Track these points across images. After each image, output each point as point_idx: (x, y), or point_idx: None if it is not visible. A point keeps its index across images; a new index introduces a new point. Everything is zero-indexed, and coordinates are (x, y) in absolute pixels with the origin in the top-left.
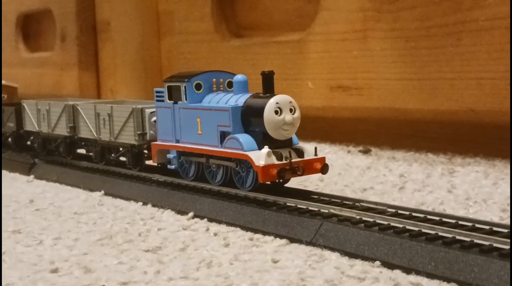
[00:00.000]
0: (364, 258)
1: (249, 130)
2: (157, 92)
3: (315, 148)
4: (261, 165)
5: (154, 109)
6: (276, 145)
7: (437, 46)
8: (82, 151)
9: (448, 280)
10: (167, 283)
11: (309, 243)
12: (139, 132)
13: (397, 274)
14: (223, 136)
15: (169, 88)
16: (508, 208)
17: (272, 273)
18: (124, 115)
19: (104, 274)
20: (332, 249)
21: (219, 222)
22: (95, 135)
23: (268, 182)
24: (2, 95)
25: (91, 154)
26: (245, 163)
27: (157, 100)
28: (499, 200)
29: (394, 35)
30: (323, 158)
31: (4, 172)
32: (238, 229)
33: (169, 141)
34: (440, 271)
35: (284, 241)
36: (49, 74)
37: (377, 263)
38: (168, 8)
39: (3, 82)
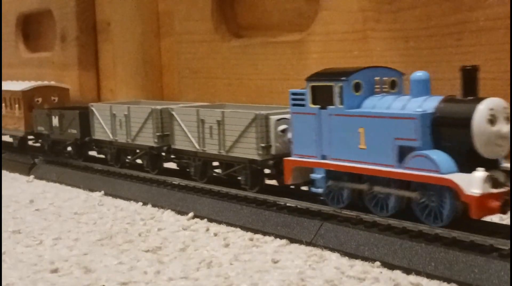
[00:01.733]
0: (364, 258)
1: (441, 145)
2: (294, 94)
3: None
4: (476, 195)
5: (281, 116)
6: (484, 166)
7: (437, 46)
8: (169, 164)
9: (448, 281)
10: (167, 283)
11: (309, 244)
12: (262, 145)
13: (397, 274)
14: (402, 152)
15: (314, 89)
16: None
17: (272, 273)
18: (241, 123)
19: (104, 274)
20: (332, 250)
21: (219, 222)
22: (197, 147)
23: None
24: (53, 98)
25: (188, 170)
26: (439, 191)
27: (293, 105)
28: None
29: (394, 35)
30: None
31: (4, 172)
32: (238, 229)
33: (312, 157)
34: (440, 272)
35: (284, 241)
36: (49, 74)
37: (377, 263)
38: (168, 8)
39: (52, 83)
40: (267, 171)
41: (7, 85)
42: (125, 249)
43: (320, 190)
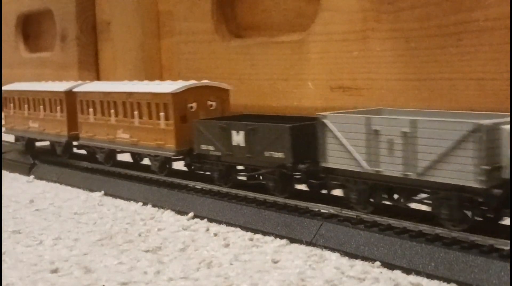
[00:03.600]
0: (364, 258)
1: None
2: None
3: None
4: None
5: None
6: None
7: (437, 46)
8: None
9: (448, 281)
10: (167, 283)
11: (309, 244)
12: None
13: (397, 274)
14: None
15: None
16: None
17: (272, 273)
18: None
19: (104, 274)
20: (332, 250)
21: (219, 222)
22: None
23: None
24: (210, 103)
25: None
26: None
27: None
28: None
29: (394, 36)
30: None
31: (4, 172)
32: (238, 229)
33: None
34: (440, 272)
35: (284, 241)
36: (49, 74)
37: (377, 263)
38: (168, 8)
39: (206, 82)
40: None
41: (136, 86)
42: (125, 249)
43: None
